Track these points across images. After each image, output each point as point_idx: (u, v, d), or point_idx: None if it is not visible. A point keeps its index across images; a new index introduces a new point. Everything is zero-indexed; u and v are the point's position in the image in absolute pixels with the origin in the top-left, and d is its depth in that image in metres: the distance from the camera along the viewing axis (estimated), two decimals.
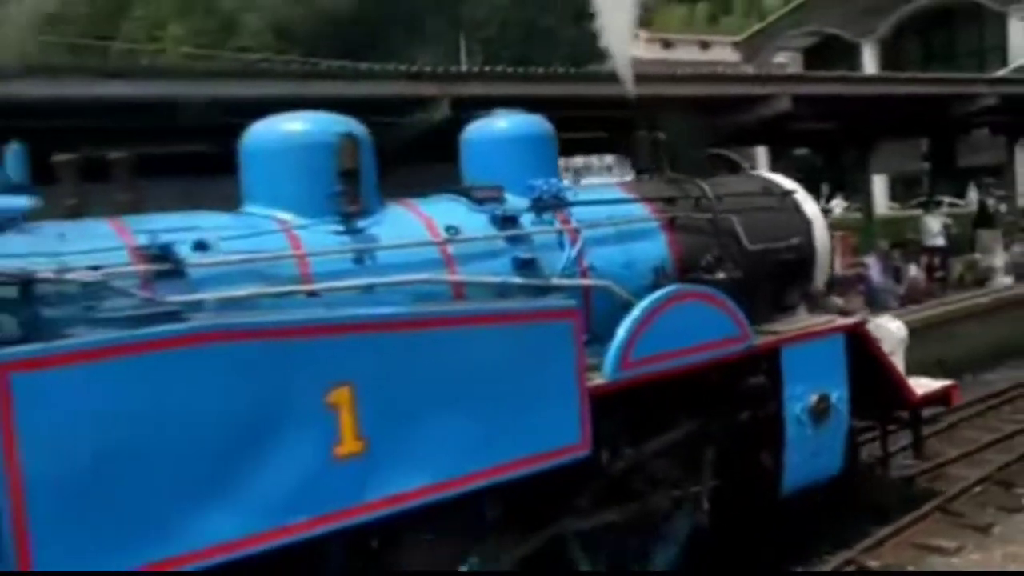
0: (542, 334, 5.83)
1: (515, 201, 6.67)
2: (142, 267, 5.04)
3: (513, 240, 6.44)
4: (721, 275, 6.97)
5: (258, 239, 5.55)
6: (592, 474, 6.21)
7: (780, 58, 47.87)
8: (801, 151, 30.13)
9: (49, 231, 5.04)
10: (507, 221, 6.48)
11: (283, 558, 4.92)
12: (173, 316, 4.80)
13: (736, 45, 51.52)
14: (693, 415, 6.86)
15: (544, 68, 14.64)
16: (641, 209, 7.20)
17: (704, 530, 6.96)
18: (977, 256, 20.01)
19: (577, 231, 6.69)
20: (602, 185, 7.44)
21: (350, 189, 5.89)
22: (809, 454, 7.35)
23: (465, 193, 6.63)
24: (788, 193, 8.09)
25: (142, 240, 5.15)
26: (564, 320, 5.92)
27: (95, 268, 4.88)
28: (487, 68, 16.76)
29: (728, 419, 7.03)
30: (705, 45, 67.31)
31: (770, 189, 8.06)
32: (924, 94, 18.20)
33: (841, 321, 7.89)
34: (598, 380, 6.14)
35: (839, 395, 7.47)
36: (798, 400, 7.21)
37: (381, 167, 6.25)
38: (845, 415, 7.58)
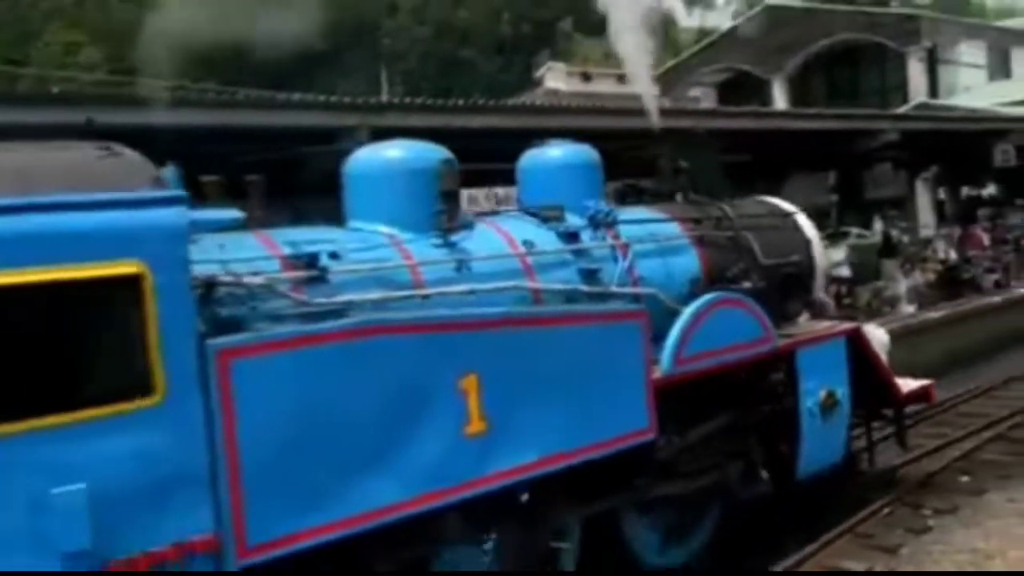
0: (619, 332, 6.87)
1: (573, 220, 7.71)
2: (296, 273, 5.92)
3: (577, 253, 7.49)
4: (747, 284, 8.11)
5: (376, 251, 6.47)
6: (649, 456, 7.23)
7: (695, 92, 50.00)
8: None
9: (210, 242, 5.87)
10: (570, 237, 7.53)
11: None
12: (328, 315, 5.71)
13: (652, 79, 53.32)
14: (725, 408, 7.95)
15: (464, 100, 15.33)
16: (674, 228, 8.32)
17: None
18: (881, 284, 21.07)
19: (627, 246, 7.76)
20: (637, 207, 8.47)
21: (449, 208, 6.87)
22: (819, 444, 8.52)
23: (532, 212, 7.65)
24: (789, 215, 9.32)
25: (288, 251, 6.03)
26: (635, 321, 6.98)
27: (255, 273, 5.75)
28: (407, 99, 17.26)
29: (754, 412, 8.13)
30: (623, 79, 69.30)
31: (775, 211, 9.29)
32: (831, 129, 19.45)
33: (842, 326, 9.11)
34: (657, 374, 7.19)
35: (843, 391, 8.67)
36: (810, 395, 8.38)
37: (301, 196, 7.14)
38: (847, 409, 8.78)
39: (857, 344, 8.95)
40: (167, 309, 4.81)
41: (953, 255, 20.49)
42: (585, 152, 8.11)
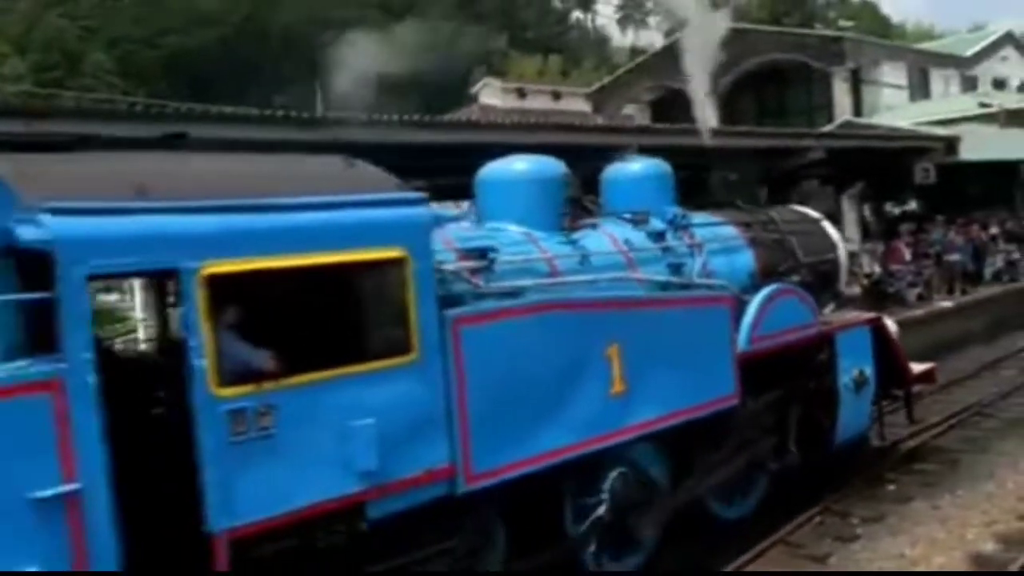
0: (715, 314, 8.55)
1: (656, 223, 9.36)
2: (472, 263, 7.42)
3: (664, 250, 9.14)
4: (796, 278, 9.85)
5: (521, 246, 8.02)
6: (732, 419, 8.89)
7: (628, 110, 51.98)
8: None
9: None
10: (658, 236, 9.18)
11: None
12: (501, 296, 7.27)
13: (587, 96, 55.12)
14: (780, 382, 9.65)
15: (400, 115, 15.08)
16: (731, 230, 10.03)
17: (795, 468, 9.75)
18: None
19: (700, 245, 9.44)
20: (701, 212, 10.14)
21: (571, 211, 8.48)
22: (853, 415, 10.28)
23: (622, 216, 9.28)
24: (818, 220, 11.13)
25: (460, 245, 7.55)
26: (726, 305, 8.67)
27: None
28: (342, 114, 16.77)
29: (801, 386, 9.86)
30: (557, 95, 71.30)
31: (806, 217, 11.08)
32: (760, 147, 20.00)
33: (868, 316, 10.93)
34: (737, 350, 8.87)
35: (870, 370, 10.45)
36: (846, 373, 10.13)
37: None
38: (873, 386, 10.56)
39: (879, 330, 10.76)
40: (419, 286, 6.33)
41: (878, 269, 21.28)
42: (661, 165, 9.80)
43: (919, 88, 48.14)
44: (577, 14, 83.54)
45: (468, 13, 71.47)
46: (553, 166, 8.58)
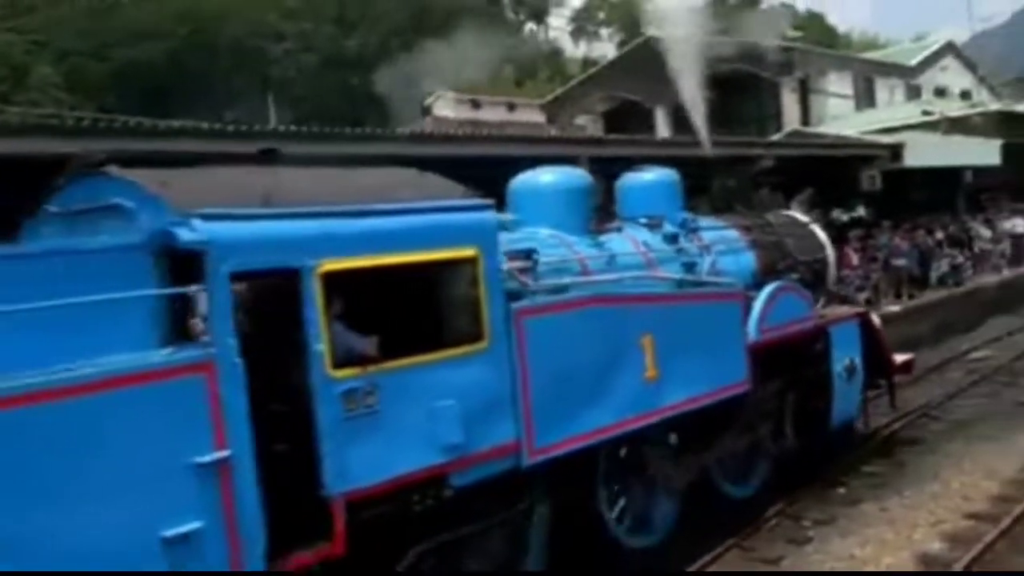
0: (729, 308, 9.56)
1: (668, 226, 10.35)
2: (520, 263, 8.33)
3: (678, 251, 10.14)
4: (795, 276, 10.91)
5: (556, 248, 8.97)
6: (743, 404, 9.89)
7: (581, 120, 53.02)
8: None
9: None
10: (672, 239, 10.17)
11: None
12: (553, 292, 8.20)
13: (541, 107, 56.08)
14: (781, 371, 10.68)
15: (353, 128, 15.55)
16: (734, 233, 11.08)
17: (792, 451, 10.78)
18: None
19: (708, 247, 10.46)
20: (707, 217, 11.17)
21: (597, 217, 9.45)
22: (844, 402, 11.35)
23: (639, 220, 10.27)
24: (807, 224, 12.22)
25: (506, 247, 8.46)
26: (738, 300, 9.69)
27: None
28: (293, 127, 17.04)
29: (799, 374, 10.90)
30: (512, 107, 72.31)
31: (797, 221, 12.16)
32: (711, 156, 20.77)
33: (856, 310, 12.03)
34: (748, 340, 9.88)
35: (859, 360, 11.53)
36: (839, 362, 11.19)
37: None
38: (861, 374, 11.64)
39: (866, 324, 11.86)
40: (489, 281, 7.25)
41: None
42: (671, 174, 10.81)
43: (865, 97, 49.41)
44: (530, 26, 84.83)
45: (421, 27, 72.18)
46: (580, 176, 9.56)
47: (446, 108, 59.32)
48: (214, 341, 5.72)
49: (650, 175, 10.77)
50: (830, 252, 12.25)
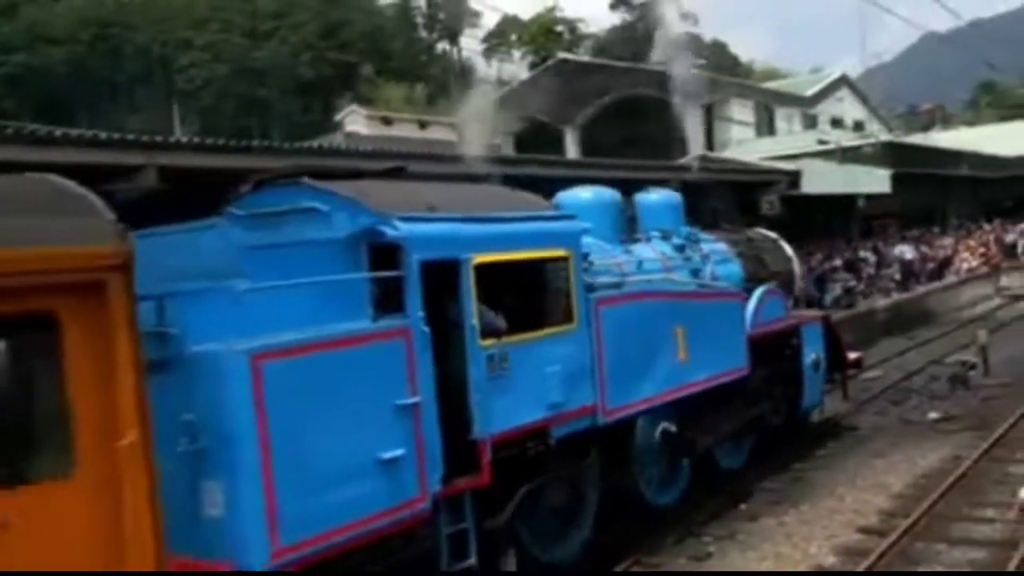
0: (734, 305, 11.85)
1: (675, 238, 12.59)
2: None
3: (686, 259, 12.39)
4: (774, 283, 13.27)
5: (599, 253, 11.09)
6: (744, 386, 12.16)
7: (495, 140, 54.89)
8: None
9: None
10: (680, 249, 12.42)
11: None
12: (609, 287, 10.34)
13: (453, 126, 57.64)
14: (766, 362, 12.99)
15: (261, 140, 16.17)
16: (723, 246, 13.39)
17: (780, 427, 13.10)
18: None
19: (708, 256, 12.74)
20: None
21: (629, 228, 11.64)
22: (812, 389, 13.77)
23: (652, 233, 12.49)
24: (777, 240, 14.64)
25: None
26: (740, 299, 11.99)
27: None
28: (198, 139, 16.95)
29: (778, 366, 13.26)
30: (423, 125, 73.91)
31: (768, 238, 14.57)
32: (619, 177, 20.02)
33: (820, 314, 14.49)
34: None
35: (822, 356, 13.96)
36: (807, 357, 13.59)
37: None
38: (824, 368, 14.07)
39: (827, 326, 14.33)
40: (576, 275, 9.33)
41: None
42: (675, 195, 13.09)
43: (765, 125, 52.53)
44: (443, 45, 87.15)
45: (331, 42, 73.67)
46: (612, 194, 11.74)
47: (357, 124, 60.51)
48: (408, 314, 7.68)
49: (656, 195, 13.02)
50: (796, 264, 14.69)
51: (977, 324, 26.27)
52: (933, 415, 16.12)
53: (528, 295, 8.91)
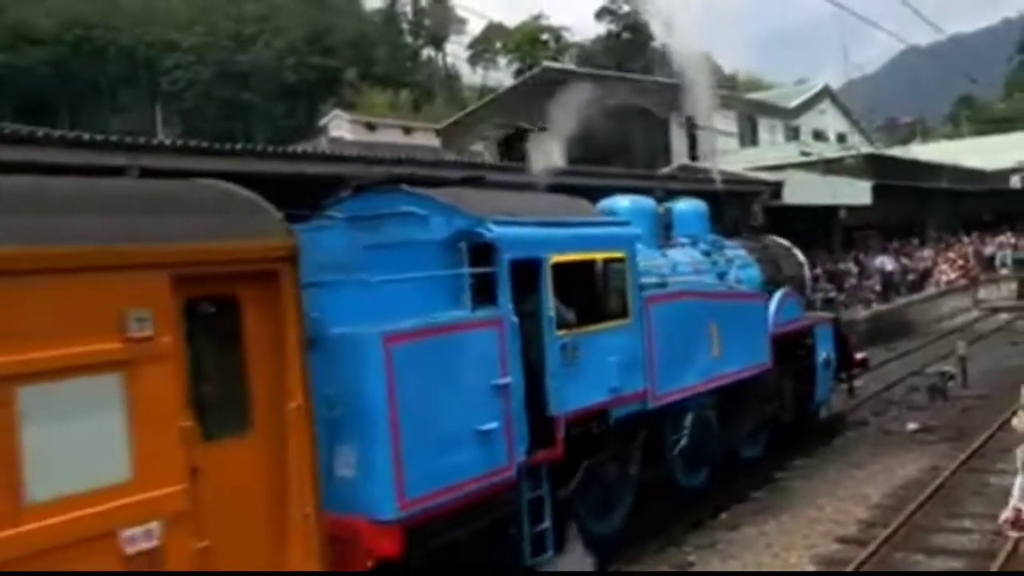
0: (759, 306, 13.15)
1: (703, 244, 13.88)
2: None
3: (713, 263, 13.68)
4: (789, 287, 14.59)
5: (642, 256, 12.35)
6: (766, 381, 13.45)
7: (477, 146, 55.86)
8: None
9: None
10: (708, 254, 13.71)
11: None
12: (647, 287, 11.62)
13: (438, 132, 58.70)
14: (784, 359, 14.29)
15: (245, 144, 16.10)
16: (743, 252, 14.69)
17: (789, 423, 14.40)
18: None
19: (731, 261, 14.04)
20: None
21: (665, 234, 12.93)
22: (823, 386, 15.09)
23: (682, 239, 13.78)
24: (790, 247, 15.97)
25: None
26: (762, 300, 13.30)
27: None
28: (180, 142, 17.27)
29: (795, 363, 14.57)
30: (408, 130, 74.87)
31: (782, 244, 15.89)
32: (607, 186, 19.20)
33: (830, 316, 15.82)
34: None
35: (833, 354, 15.29)
36: (820, 355, 14.92)
37: None
38: (834, 365, 15.40)
39: (837, 327, 15.68)
40: (632, 275, 10.58)
41: None
42: (702, 204, 14.39)
43: (748, 135, 53.42)
44: (428, 51, 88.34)
45: (316, 47, 74.57)
46: (650, 203, 13.02)
47: (341, 129, 61.32)
48: (500, 305, 8.90)
49: (685, 204, 14.32)
50: (807, 270, 16.04)
51: (956, 336, 26.98)
52: (912, 426, 16.57)
53: (592, 291, 10.13)
